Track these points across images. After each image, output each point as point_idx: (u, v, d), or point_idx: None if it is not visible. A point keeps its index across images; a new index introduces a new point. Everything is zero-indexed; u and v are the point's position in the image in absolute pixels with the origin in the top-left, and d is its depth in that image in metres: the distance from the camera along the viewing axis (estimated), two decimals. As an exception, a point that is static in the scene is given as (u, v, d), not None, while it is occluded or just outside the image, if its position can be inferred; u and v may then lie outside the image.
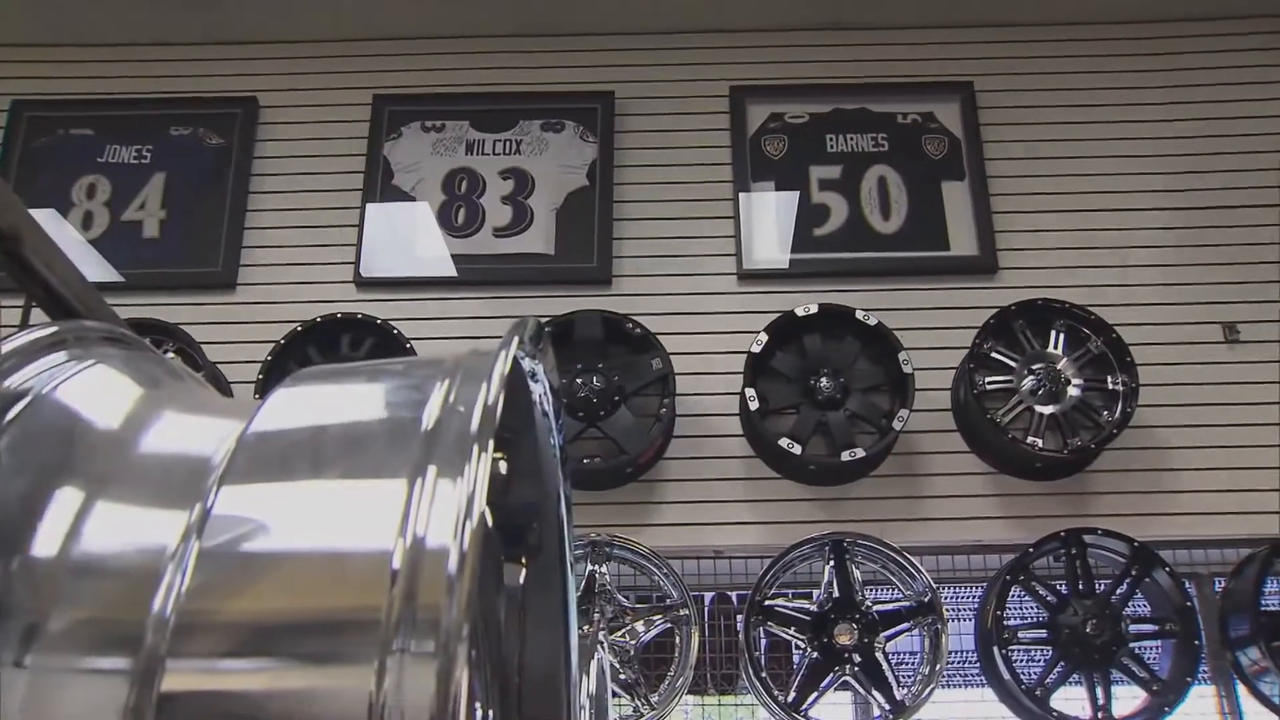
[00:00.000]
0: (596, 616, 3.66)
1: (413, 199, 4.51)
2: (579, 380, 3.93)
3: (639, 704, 3.61)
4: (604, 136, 4.54)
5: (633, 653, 3.66)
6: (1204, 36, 4.76)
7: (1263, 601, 3.79)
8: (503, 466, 1.09)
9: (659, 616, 3.73)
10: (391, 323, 4.11)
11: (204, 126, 4.64)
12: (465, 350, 0.84)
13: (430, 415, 0.74)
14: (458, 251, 4.41)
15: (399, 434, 0.73)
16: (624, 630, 3.70)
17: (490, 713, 1.04)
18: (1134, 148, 4.58)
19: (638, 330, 4.01)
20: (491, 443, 0.69)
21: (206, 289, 4.38)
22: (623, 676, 3.61)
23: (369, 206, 4.50)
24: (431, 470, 0.69)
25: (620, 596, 3.75)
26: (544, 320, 3.98)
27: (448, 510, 0.66)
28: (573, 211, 4.43)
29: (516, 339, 0.82)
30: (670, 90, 4.70)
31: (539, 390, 1.01)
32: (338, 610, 0.65)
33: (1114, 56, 4.75)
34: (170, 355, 3.79)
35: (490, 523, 1.11)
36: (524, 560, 1.18)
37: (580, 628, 3.33)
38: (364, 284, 4.40)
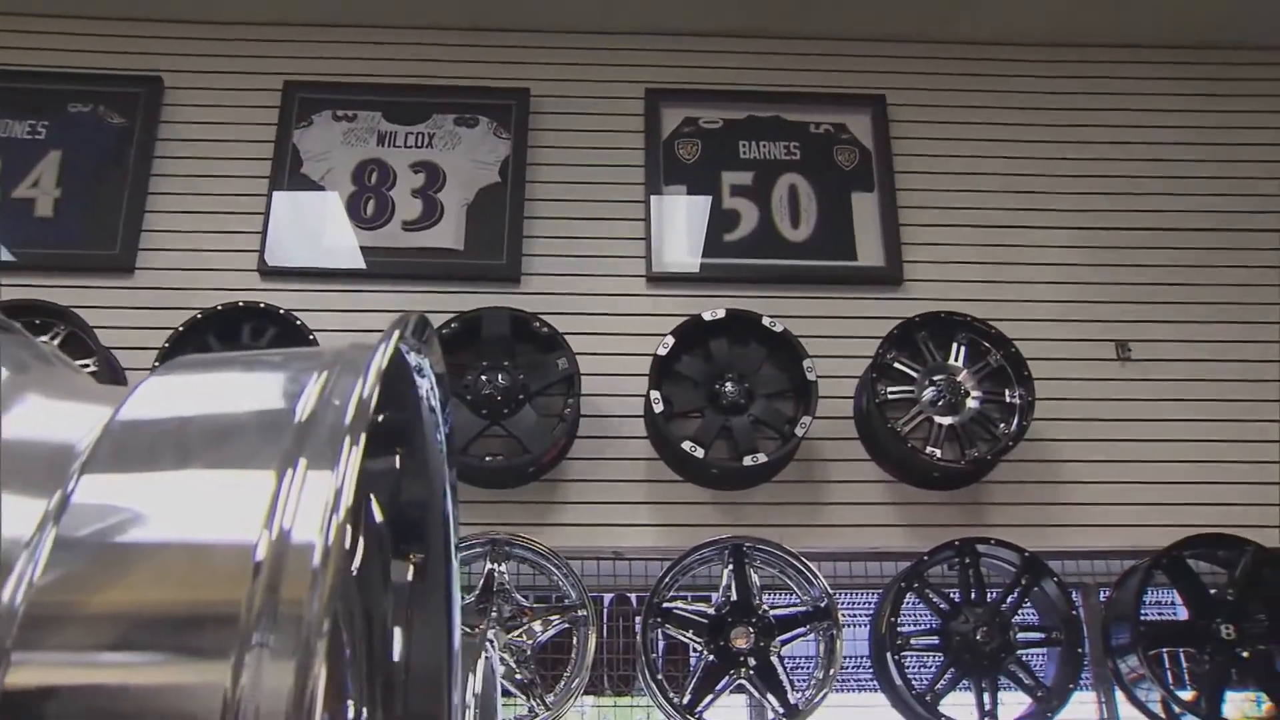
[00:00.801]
0: (494, 615, 3.64)
1: (322, 188, 4.44)
2: (484, 378, 3.90)
3: (534, 704, 3.59)
4: (518, 133, 4.52)
5: (529, 652, 3.64)
6: (1107, 63, 4.90)
7: (1143, 612, 3.90)
8: (397, 462, 1.07)
9: (557, 617, 3.72)
10: (295, 313, 4.05)
11: (104, 104, 4.51)
12: (347, 343, 0.83)
13: (305, 407, 0.72)
14: (366, 244, 4.36)
15: (271, 425, 0.72)
16: (521, 630, 3.68)
17: (365, 711, 1.02)
18: (1037, 167, 4.69)
19: (545, 329, 4.00)
20: (364, 436, 0.68)
21: (102, 271, 4.26)
22: (519, 676, 3.59)
23: (276, 194, 4.42)
24: (302, 463, 0.67)
25: (519, 596, 3.73)
26: (451, 316, 3.97)
27: (316, 503, 0.64)
28: (484, 208, 4.40)
29: (398, 332, 0.80)
30: (586, 90, 4.70)
31: (425, 385, 0.99)
32: (197, 603, 0.64)
33: (1022, 77, 4.86)
34: (59, 339, 3.70)
35: (380, 518, 1.09)
36: (413, 558, 1.16)
37: (476, 626, 3.30)
38: (269, 273, 4.31)
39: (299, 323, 4.01)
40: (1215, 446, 4.26)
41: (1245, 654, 3.82)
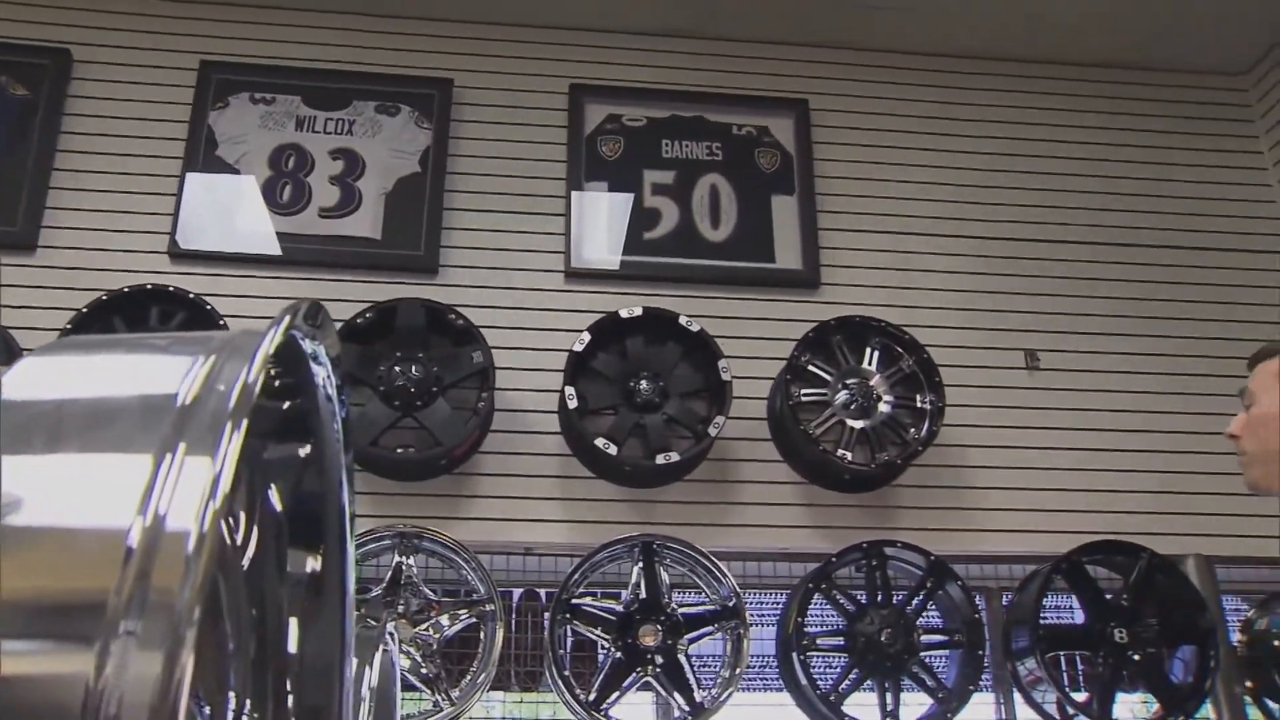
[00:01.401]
0: (400, 608, 3.60)
1: (237, 171, 4.36)
2: (397, 369, 3.86)
3: (439, 699, 3.56)
4: (439, 124, 4.48)
5: (435, 647, 3.61)
6: (1024, 77, 5.00)
7: (1042, 616, 3.98)
8: (303, 451, 1.06)
9: (465, 611, 3.69)
10: (206, 298, 3.97)
11: (7, 75, 4.37)
12: (238, 329, 0.81)
13: (188, 392, 0.70)
14: (281, 229, 4.28)
15: (152, 409, 0.70)
16: (428, 624, 3.64)
17: (248, 703, 1.00)
18: (954, 177, 4.77)
19: (460, 322, 3.96)
20: (246, 423, 0.66)
21: (2, 248, 4.14)
22: (424, 670, 3.56)
23: (189, 175, 4.32)
24: (181, 448, 0.65)
25: (427, 589, 3.69)
26: (366, 306, 3.92)
27: (193, 490, 0.63)
28: (403, 197, 4.35)
29: (289, 318, 0.78)
30: (510, 83, 4.67)
31: (322, 373, 0.98)
32: (66, 590, 0.62)
33: (943, 88, 4.94)
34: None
35: (280, 508, 1.08)
36: (310, 548, 1.15)
37: (381, 620, 3.27)
38: (179, 255, 4.22)
39: (209, 307, 3.93)
40: (1117, 456, 4.37)
41: (1137, 657, 3.92)
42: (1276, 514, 4.04)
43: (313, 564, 1.15)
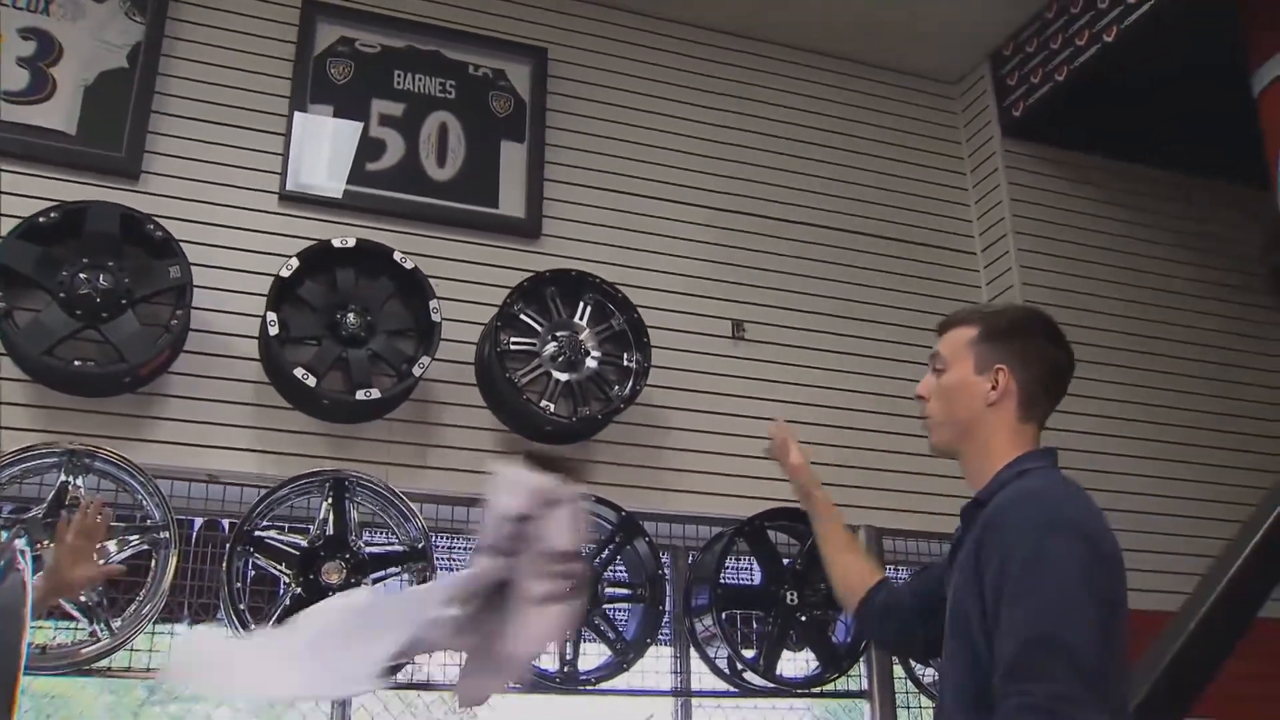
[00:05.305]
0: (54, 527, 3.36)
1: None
2: (83, 275, 3.59)
3: (98, 628, 3.37)
4: (154, 20, 4.14)
5: (98, 573, 3.40)
6: (755, 55, 5.15)
7: (724, 577, 4.16)
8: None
9: (136, 537, 3.50)
10: None
11: None
12: None
13: None
14: (-43, 112, 3.89)
15: None
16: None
17: None
18: (683, 144, 4.86)
19: (160, 233, 3.73)
20: None
21: None
22: (83, 598, 3.35)
23: None
24: None
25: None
26: (52, 205, 3.63)
27: None
28: (105, 93, 4.01)
29: None
30: (238, -12, 4.41)
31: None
32: None
33: (683, 56, 5.02)
34: None
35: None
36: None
37: (40, 542, 3.05)
38: None
39: None
40: (807, 429, 4.56)
41: (804, 618, 4.17)
42: (941, 493, 4.37)
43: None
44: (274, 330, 3.73)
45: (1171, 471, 4.92)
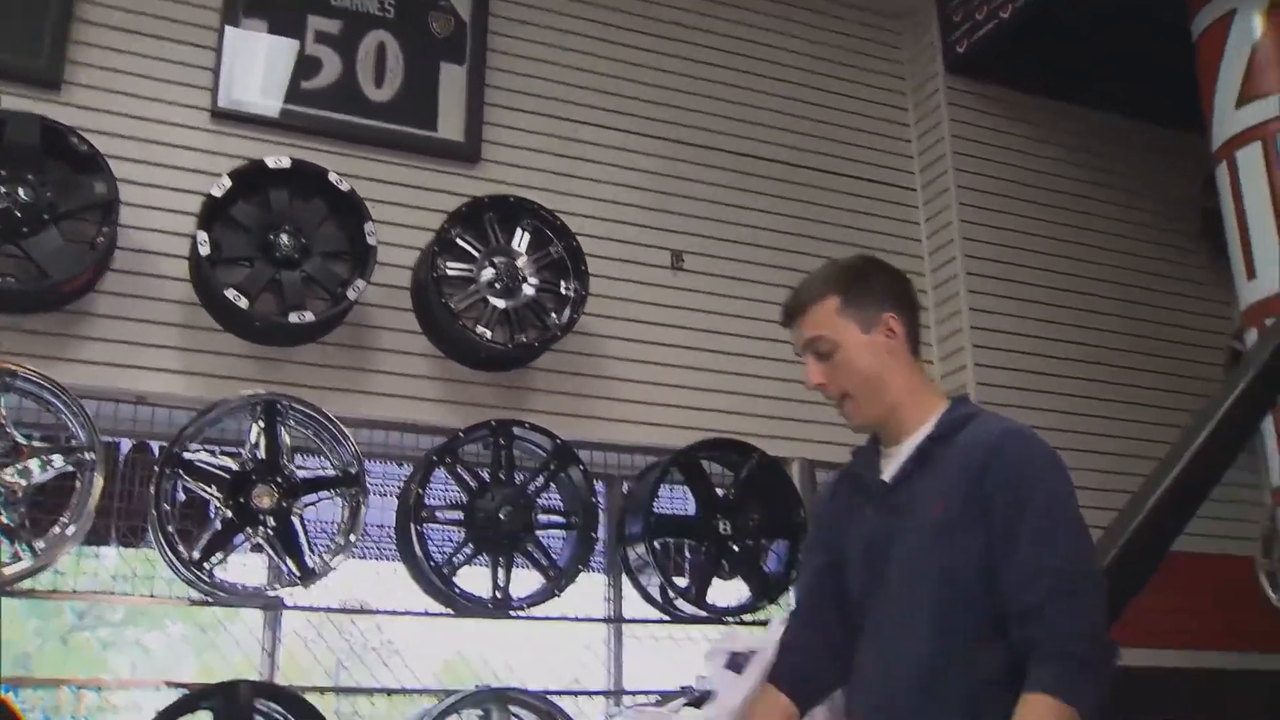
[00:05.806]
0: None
1: None
2: (1, 189, 3.48)
3: (20, 549, 3.31)
4: (78, -79, 4.00)
5: (21, 494, 3.33)
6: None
7: (657, 506, 4.18)
8: None
9: (60, 458, 3.43)
10: None
11: None
12: None
13: None
14: None
15: None
16: (16, 470, 3.36)
17: None
18: (625, 72, 4.81)
19: (85, 147, 3.62)
20: None
21: None
22: (5, 519, 3.29)
23: None
24: None
25: (15, 432, 3.39)
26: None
27: None
28: (24, -2, 3.87)
29: None
30: (168, -108, 4.25)
31: None
32: None
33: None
34: None
35: None
36: None
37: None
38: None
39: None
40: (744, 361, 4.61)
41: (737, 548, 4.21)
42: (873, 426, 4.41)
43: None
44: (205, 250, 3.66)
45: (1099, 396, 4.98)
